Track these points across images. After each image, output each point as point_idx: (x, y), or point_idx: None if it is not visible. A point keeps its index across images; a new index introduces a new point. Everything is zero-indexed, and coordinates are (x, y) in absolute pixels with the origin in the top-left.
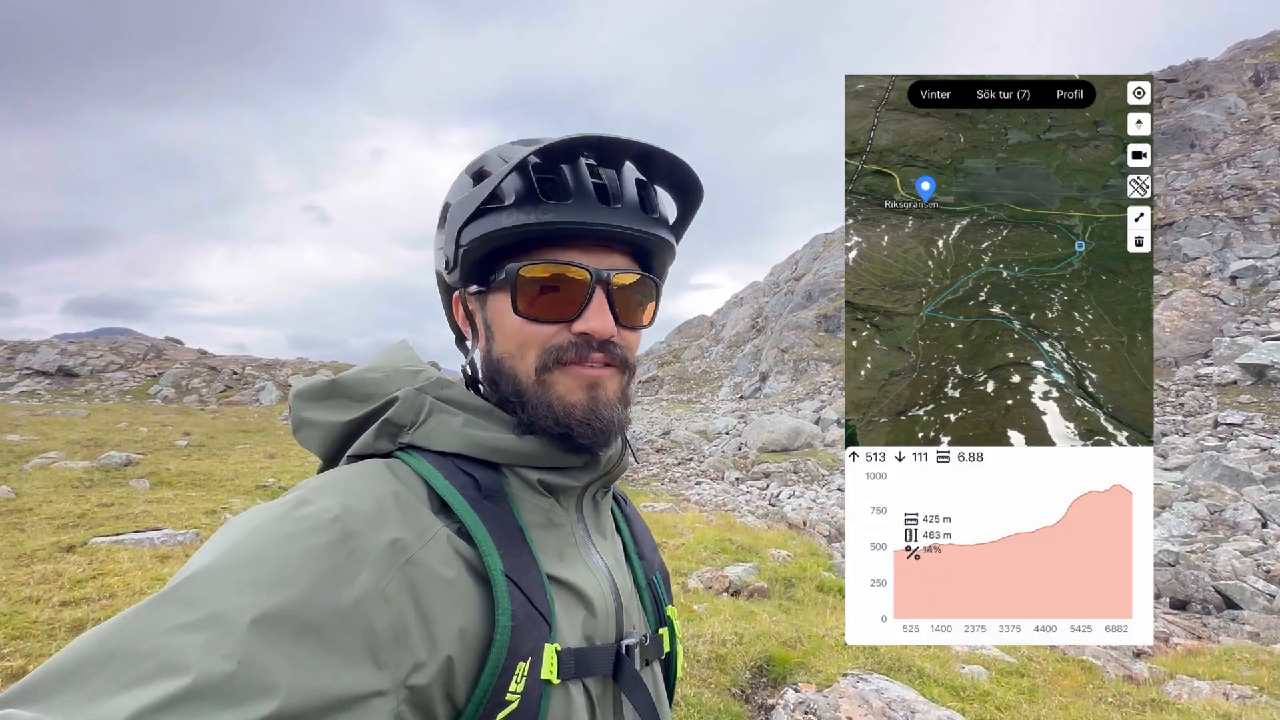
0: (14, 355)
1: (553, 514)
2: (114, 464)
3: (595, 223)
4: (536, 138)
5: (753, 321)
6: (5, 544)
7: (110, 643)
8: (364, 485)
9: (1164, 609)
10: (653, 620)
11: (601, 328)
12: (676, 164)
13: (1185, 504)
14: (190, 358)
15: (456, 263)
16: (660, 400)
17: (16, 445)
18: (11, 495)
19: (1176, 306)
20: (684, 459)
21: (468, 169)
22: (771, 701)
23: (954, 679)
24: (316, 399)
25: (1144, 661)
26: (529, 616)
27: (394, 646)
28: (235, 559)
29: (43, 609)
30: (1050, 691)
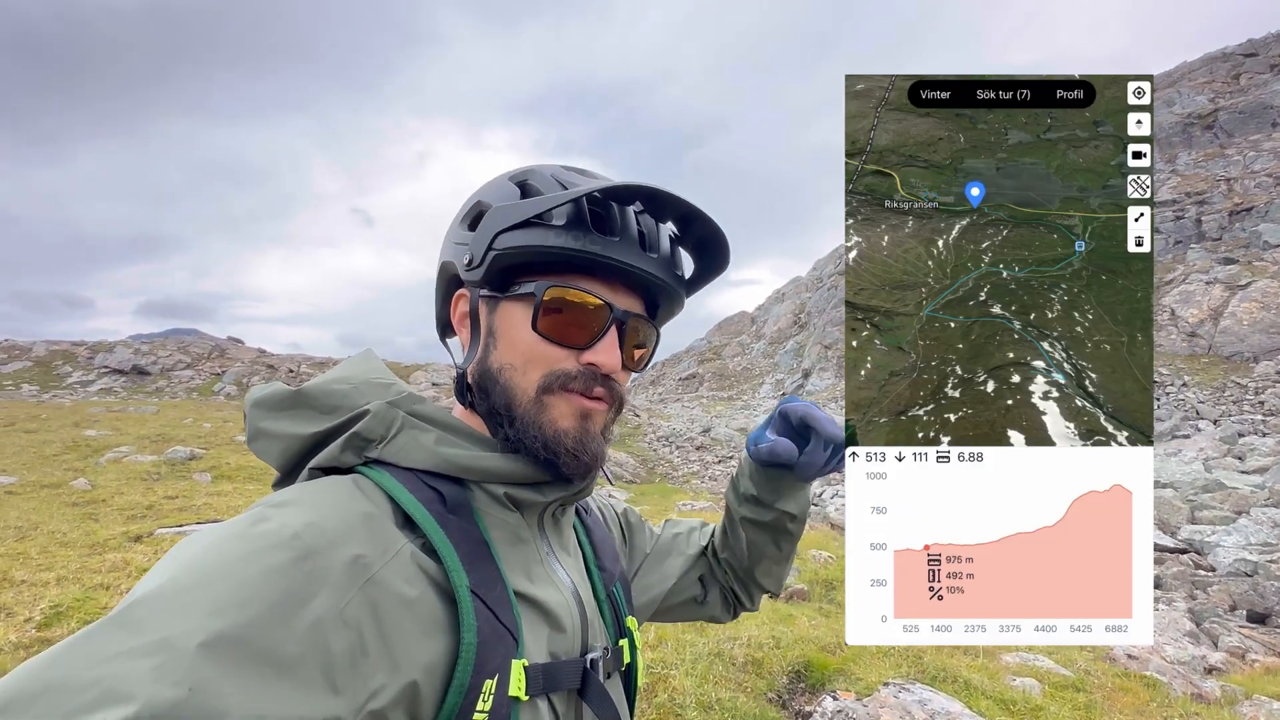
0: (93, 355)
1: (519, 529)
2: (179, 458)
3: (632, 264)
4: (586, 169)
5: (795, 317)
6: (81, 533)
7: (47, 674)
8: (328, 501)
9: (1240, 622)
10: (613, 632)
11: (611, 362)
12: (716, 232)
13: (1265, 509)
14: (250, 356)
15: (482, 263)
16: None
17: (94, 440)
18: (88, 487)
19: (1255, 298)
20: (725, 457)
21: (511, 176)
22: (809, 709)
23: (1003, 691)
24: (277, 409)
25: (1215, 679)
26: (495, 633)
27: (351, 671)
28: (187, 580)
29: (113, 595)
30: (1109, 708)
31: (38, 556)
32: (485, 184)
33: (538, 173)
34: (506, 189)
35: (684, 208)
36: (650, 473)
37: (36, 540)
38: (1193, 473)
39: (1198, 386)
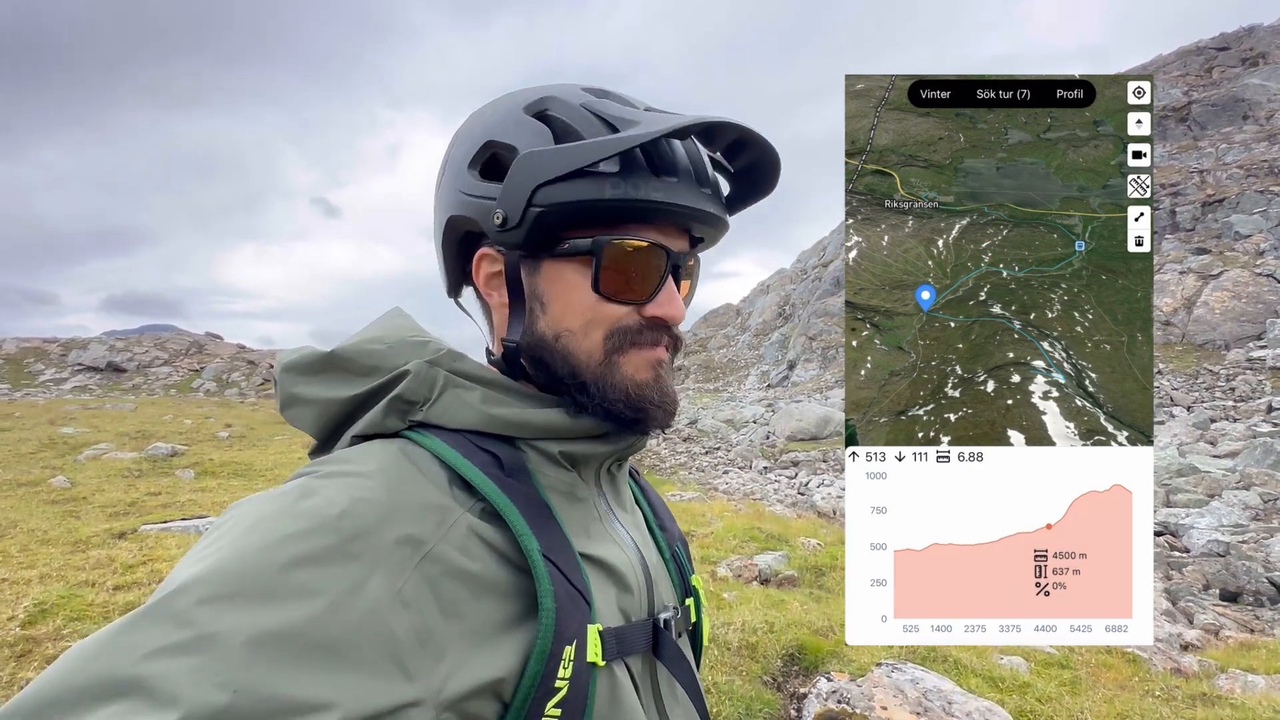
0: (66, 352)
1: (575, 488)
2: (161, 455)
3: (695, 206)
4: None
5: (780, 309)
6: (63, 530)
7: (84, 671)
8: (375, 471)
9: (1214, 600)
10: (679, 591)
11: (677, 313)
12: (769, 155)
13: (1236, 492)
14: (230, 352)
15: (521, 222)
16: (686, 390)
17: (71, 437)
18: (67, 485)
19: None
20: (711, 448)
21: (526, 106)
22: (804, 690)
23: (992, 669)
24: (310, 373)
25: (1193, 654)
26: (570, 597)
27: (420, 653)
28: (229, 566)
29: (98, 592)
30: (1093, 684)
31: (18, 554)
32: (487, 115)
33: (562, 102)
34: (530, 127)
35: (738, 132)
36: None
37: (16, 538)
38: (1167, 458)
39: (1172, 374)
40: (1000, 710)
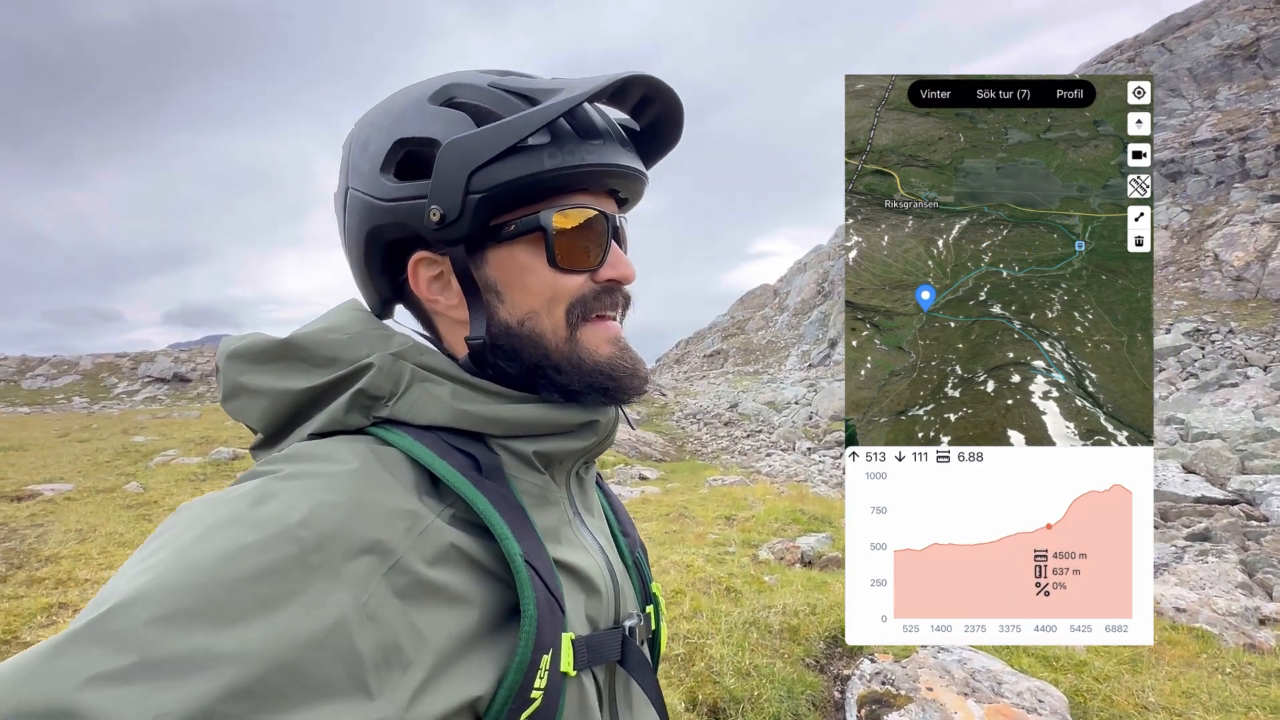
0: (135, 365)
1: (547, 491)
2: (223, 459)
3: (628, 165)
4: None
5: (819, 287)
6: (136, 533)
7: (14, 696)
8: (341, 473)
9: None
10: (640, 598)
11: (630, 272)
12: (675, 104)
13: None
14: None
15: (462, 213)
16: (726, 374)
17: (142, 445)
18: (140, 490)
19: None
20: (753, 431)
21: (431, 97)
22: (847, 672)
23: (1045, 647)
24: (261, 361)
25: (1270, 629)
26: (548, 605)
27: (385, 670)
28: (178, 580)
29: None
30: (1156, 661)
31: (98, 557)
32: (384, 115)
33: (469, 86)
34: (444, 116)
35: (648, 85)
36: (680, 450)
37: (96, 541)
38: (1242, 421)
39: (1245, 333)
40: (1053, 690)
